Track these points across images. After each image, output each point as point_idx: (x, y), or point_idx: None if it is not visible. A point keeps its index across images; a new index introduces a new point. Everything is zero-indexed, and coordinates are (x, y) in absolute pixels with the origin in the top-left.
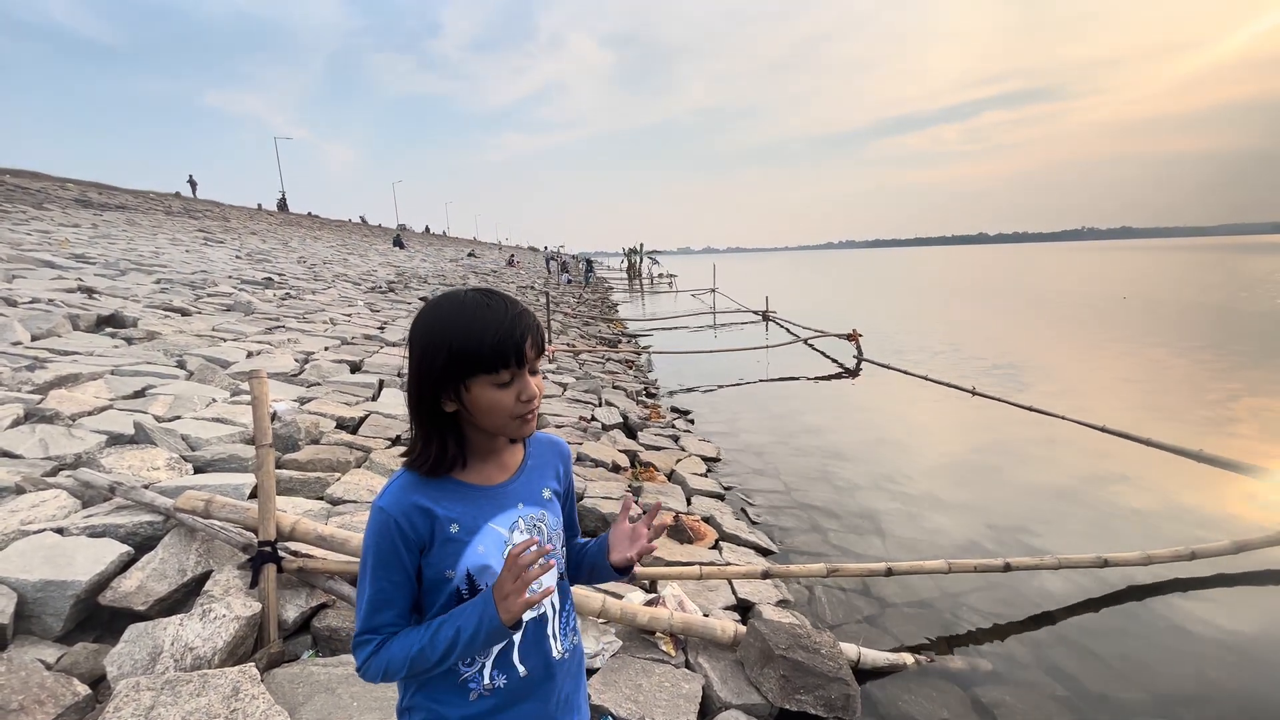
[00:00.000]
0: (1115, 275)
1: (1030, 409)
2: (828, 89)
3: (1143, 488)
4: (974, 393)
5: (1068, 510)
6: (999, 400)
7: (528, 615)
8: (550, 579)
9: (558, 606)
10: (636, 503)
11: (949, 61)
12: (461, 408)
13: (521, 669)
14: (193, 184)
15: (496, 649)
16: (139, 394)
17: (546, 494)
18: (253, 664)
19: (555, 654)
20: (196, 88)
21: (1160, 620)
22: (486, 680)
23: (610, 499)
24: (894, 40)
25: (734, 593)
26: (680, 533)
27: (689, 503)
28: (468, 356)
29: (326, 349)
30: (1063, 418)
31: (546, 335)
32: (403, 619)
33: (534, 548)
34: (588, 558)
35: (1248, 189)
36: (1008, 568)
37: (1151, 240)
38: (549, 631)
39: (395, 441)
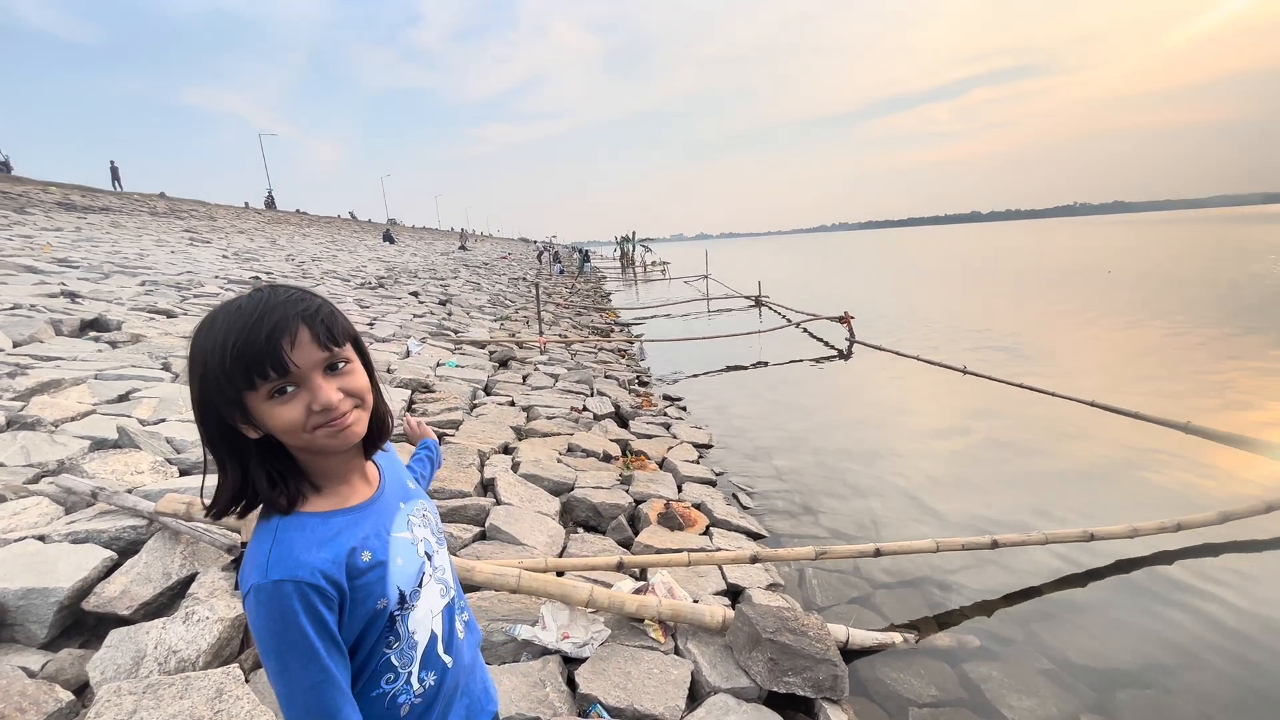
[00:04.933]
0: (1104, 250)
1: (1020, 386)
2: (816, 71)
3: (1130, 461)
4: (965, 371)
5: (1056, 485)
6: (989, 378)
7: (443, 602)
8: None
9: (452, 586)
10: None
11: (936, 39)
12: (266, 432)
13: (447, 659)
14: (114, 171)
15: (421, 649)
16: (123, 398)
17: (411, 484)
18: (237, 665)
19: (459, 635)
20: (175, 86)
21: (1147, 592)
22: (416, 686)
23: (601, 488)
24: (880, 19)
25: (724, 578)
26: (670, 520)
27: (680, 490)
28: (222, 374)
29: None
30: (1051, 394)
31: (338, 318)
32: None
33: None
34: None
35: (1239, 160)
36: (995, 545)
37: (1144, 214)
38: (457, 616)
39: None
